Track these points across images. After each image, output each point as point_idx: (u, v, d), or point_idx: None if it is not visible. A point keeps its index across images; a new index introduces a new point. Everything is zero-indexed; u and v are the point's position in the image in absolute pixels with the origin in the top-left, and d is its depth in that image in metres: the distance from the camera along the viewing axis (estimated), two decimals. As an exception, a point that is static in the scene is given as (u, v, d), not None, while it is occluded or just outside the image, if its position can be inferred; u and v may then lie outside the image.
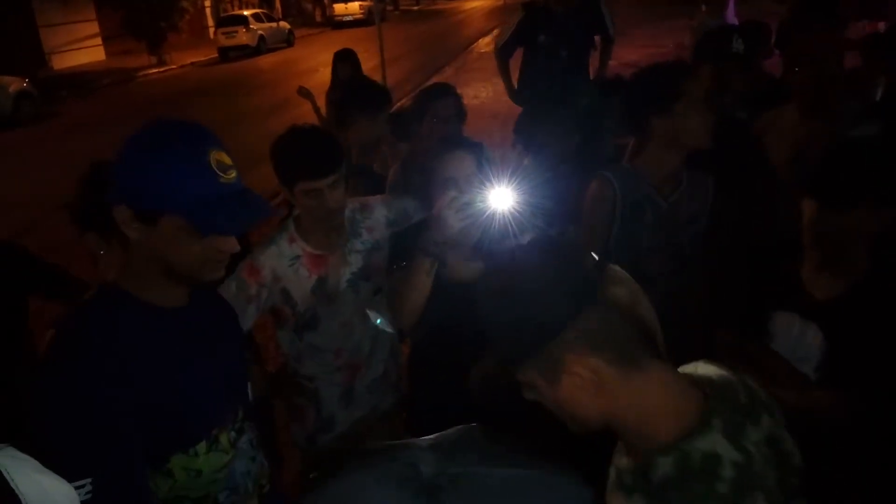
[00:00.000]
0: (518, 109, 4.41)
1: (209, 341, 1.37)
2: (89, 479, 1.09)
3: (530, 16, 4.23)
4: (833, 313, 1.60)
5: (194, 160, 1.17)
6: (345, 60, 4.96)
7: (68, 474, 1.01)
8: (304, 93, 4.82)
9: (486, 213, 1.77)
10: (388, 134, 3.06)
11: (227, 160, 1.22)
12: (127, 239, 1.22)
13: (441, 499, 0.55)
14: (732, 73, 2.65)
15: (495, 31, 22.37)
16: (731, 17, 11.24)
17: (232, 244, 1.26)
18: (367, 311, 2.09)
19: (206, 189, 1.17)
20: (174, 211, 1.16)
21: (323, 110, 4.86)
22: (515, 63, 4.59)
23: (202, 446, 1.32)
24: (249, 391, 1.52)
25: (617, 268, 1.00)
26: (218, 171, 1.19)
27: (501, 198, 1.77)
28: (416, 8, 41.46)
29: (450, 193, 1.77)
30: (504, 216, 1.80)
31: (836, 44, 3.52)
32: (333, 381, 2.13)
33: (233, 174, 1.22)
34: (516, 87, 4.50)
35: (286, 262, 1.99)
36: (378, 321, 2.08)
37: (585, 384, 0.93)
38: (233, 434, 1.41)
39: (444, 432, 0.66)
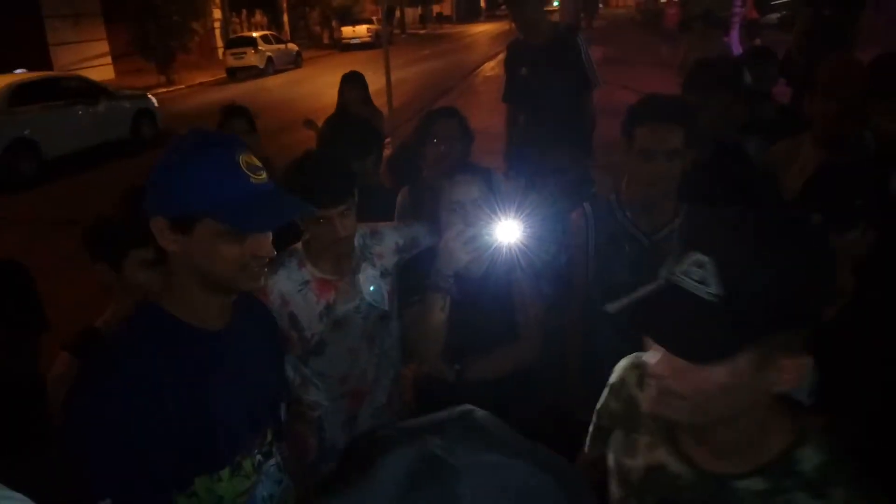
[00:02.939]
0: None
1: (244, 365, 1.35)
2: (110, 499, 1.11)
3: (512, 51, 4.25)
4: (821, 338, 1.59)
5: (224, 162, 1.19)
6: (352, 82, 4.92)
7: (90, 492, 1.11)
8: (310, 125, 4.75)
9: (493, 246, 1.77)
10: (382, 174, 2.99)
11: (256, 162, 1.24)
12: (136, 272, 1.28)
13: (454, 483, 0.54)
14: (740, 106, 2.63)
15: (501, 55, 22.57)
16: (736, 46, 11.37)
17: (268, 248, 1.26)
18: (361, 275, 2.04)
19: (238, 189, 1.18)
20: (208, 213, 1.17)
21: None
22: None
23: (226, 472, 1.31)
24: (283, 412, 1.51)
25: None
26: (248, 172, 1.20)
27: (508, 230, 1.77)
28: (422, 31, 41.97)
29: (457, 227, 1.77)
30: (510, 248, 1.80)
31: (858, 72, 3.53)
32: (337, 409, 2.10)
33: (262, 175, 1.24)
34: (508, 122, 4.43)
35: (295, 287, 1.98)
36: (372, 288, 2.04)
37: (782, 381, 0.91)
38: (258, 458, 1.39)
39: (442, 414, 0.64)
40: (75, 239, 1.95)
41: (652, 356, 0.96)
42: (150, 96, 13.36)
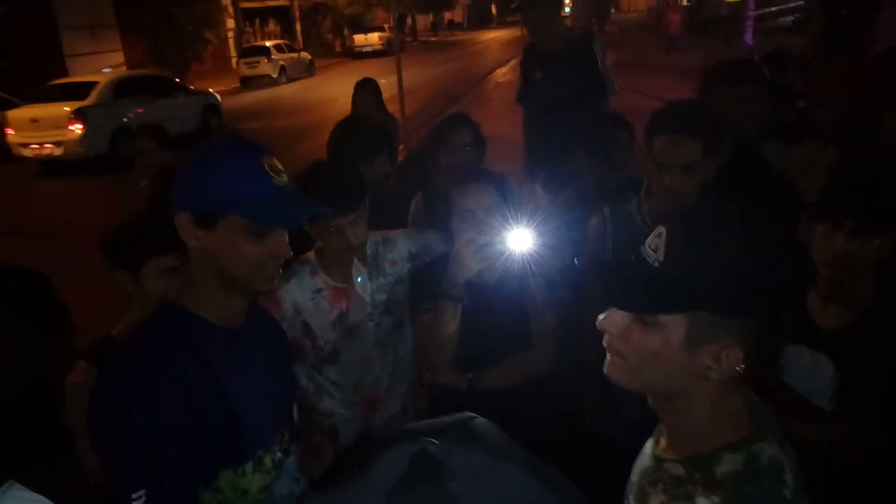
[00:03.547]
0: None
1: (260, 364, 1.40)
2: (144, 491, 1.15)
3: (528, 54, 4.24)
4: (843, 343, 1.59)
5: (249, 163, 1.26)
6: (365, 89, 4.94)
7: (125, 485, 1.15)
8: None
9: (505, 254, 1.76)
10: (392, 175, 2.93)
11: (279, 165, 1.31)
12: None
13: (448, 482, 0.56)
14: (764, 100, 2.60)
15: (513, 62, 22.68)
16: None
17: (285, 248, 1.31)
18: (354, 267, 2.03)
19: (261, 189, 1.24)
20: (232, 209, 1.23)
21: None
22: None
23: (249, 466, 1.34)
24: (295, 413, 1.55)
25: None
26: (272, 174, 1.27)
27: (520, 238, 1.76)
28: (434, 39, 42.09)
29: (468, 234, 1.76)
30: (523, 257, 1.79)
31: (859, 75, 3.48)
32: (352, 417, 2.10)
33: (284, 177, 1.30)
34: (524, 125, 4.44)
35: (308, 295, 1.98)
36: (359, 279, 2.04)
37: (719, 370, 0.93)
38: (279, 455, 1.43)
39: (443, 419, 0.65)
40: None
41: (603, 314, 1.03)
42: (214, 93, 15.42)
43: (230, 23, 27.28)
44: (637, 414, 2.03)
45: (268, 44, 24.67)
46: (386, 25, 31.08)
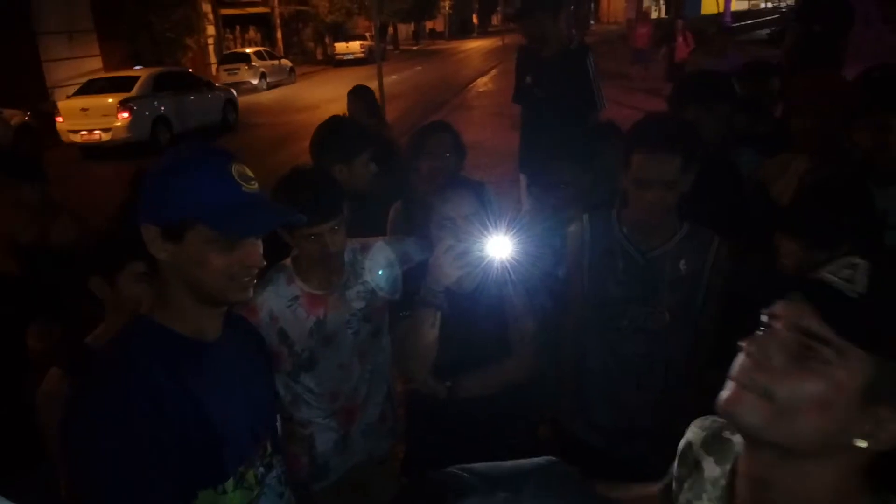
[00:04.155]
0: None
1: (239, 375, 1.36)
2: None
3: (521, 57, 4.28)
4: None
5: (216, 170, 1.21)
6: (356, 95, 4.90)
7: None
8: None
9: (484, 262, 1.76)
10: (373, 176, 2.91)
11: (249, 172, 1.26)
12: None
13: None
14: (740, 116, 2.63)
15: (494, 72, 22.81)
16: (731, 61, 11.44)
17: (257, 258, 1.26)
18: (368, 262, 2.05)
19: (229, 196, 1.19)
20: (199, 219, 1.17)
21: None
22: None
23: (230, 483, 1.29)
24: (279, 425, 1.51)
25: None
26: (240, 181, 1.22)
27: (499, 246, 1.76)
28: (415, 47, 42.18)
29: (447, 242, 1.76)
30: (502, 264, 1.79)
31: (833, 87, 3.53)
32: (329, 427, 2.08)
33: (254, 184, 1.25)
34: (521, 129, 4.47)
35: (284, 303, 1.97)
36: (380, 272, 2.05)
37: (878, 440, 0.81)
38: (261, 470, 1.39)
39: (525, 462, 0.63)
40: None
41: (742, 356, 0.87)
42: (232, 90, 17.13)
43: (210, 29, 27.10)
44: (610, 423, 2.05)
45: (248, 51, 24.60)
46: (367, 34, 31.12)
